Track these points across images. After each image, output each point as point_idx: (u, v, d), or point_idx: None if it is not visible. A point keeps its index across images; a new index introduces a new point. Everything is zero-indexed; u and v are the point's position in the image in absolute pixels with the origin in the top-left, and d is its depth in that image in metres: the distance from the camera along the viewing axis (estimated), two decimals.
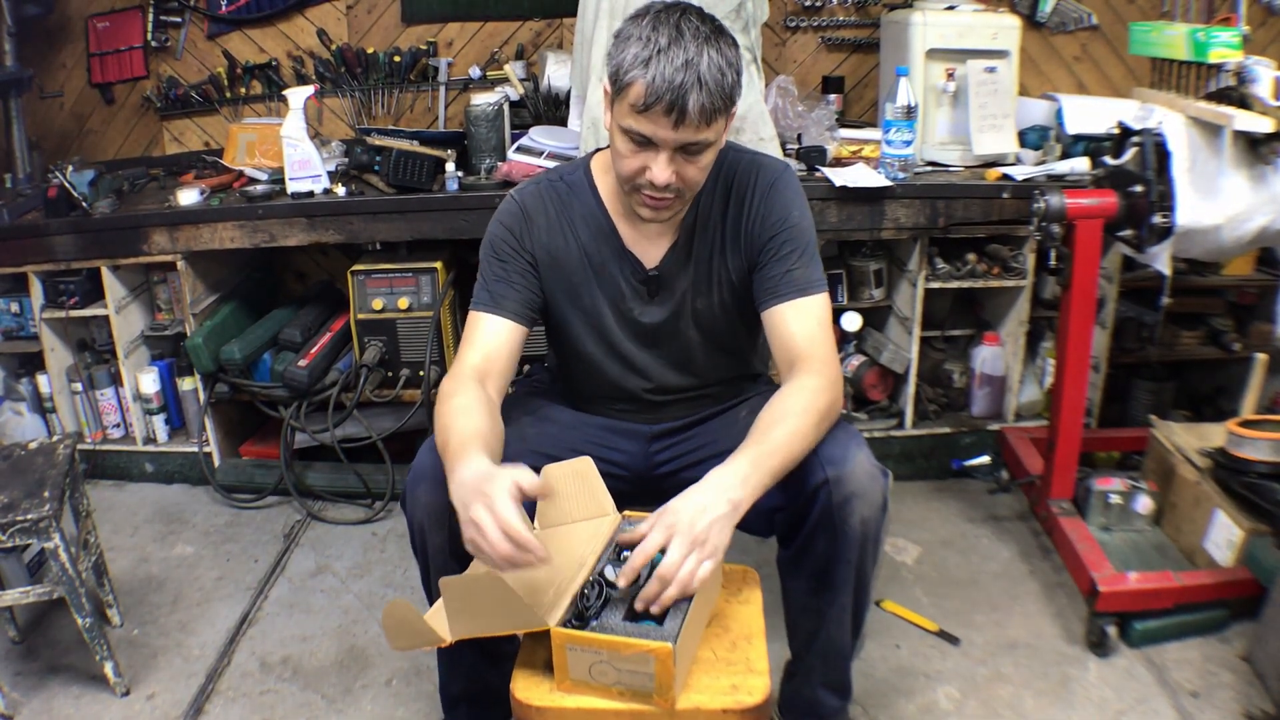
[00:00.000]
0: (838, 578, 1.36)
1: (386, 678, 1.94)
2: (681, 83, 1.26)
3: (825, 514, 1.31)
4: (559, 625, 1.17)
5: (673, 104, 1.27)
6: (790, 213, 1.48)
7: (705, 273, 1.53)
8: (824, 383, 1.37)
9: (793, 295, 1.45)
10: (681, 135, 1.30)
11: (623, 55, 1.31)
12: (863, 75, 2.93)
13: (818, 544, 1.35)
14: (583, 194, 1.53)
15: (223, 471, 2.69)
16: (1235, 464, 1.98)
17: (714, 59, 1.28)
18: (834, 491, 1.30)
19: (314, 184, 2.45)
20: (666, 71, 1.26)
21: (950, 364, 2.70)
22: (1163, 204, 1.88)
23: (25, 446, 1.96)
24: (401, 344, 2.54)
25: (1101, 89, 2.90)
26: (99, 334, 2.71)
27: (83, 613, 1.80)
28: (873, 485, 1.32)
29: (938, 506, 2.52)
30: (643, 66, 1.27)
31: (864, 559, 1.36)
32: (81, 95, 2.95)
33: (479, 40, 2.94)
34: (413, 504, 1.38)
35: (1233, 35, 1.90)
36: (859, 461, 1.32)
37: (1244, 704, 1.77)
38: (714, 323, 1.57)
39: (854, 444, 1.35)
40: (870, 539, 1.34)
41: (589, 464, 1.40)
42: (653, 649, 1.13)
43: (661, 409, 1.62)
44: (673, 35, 1.28)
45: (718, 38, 1.31)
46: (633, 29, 1.32)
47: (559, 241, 1.52)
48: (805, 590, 1.42)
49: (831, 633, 1.43)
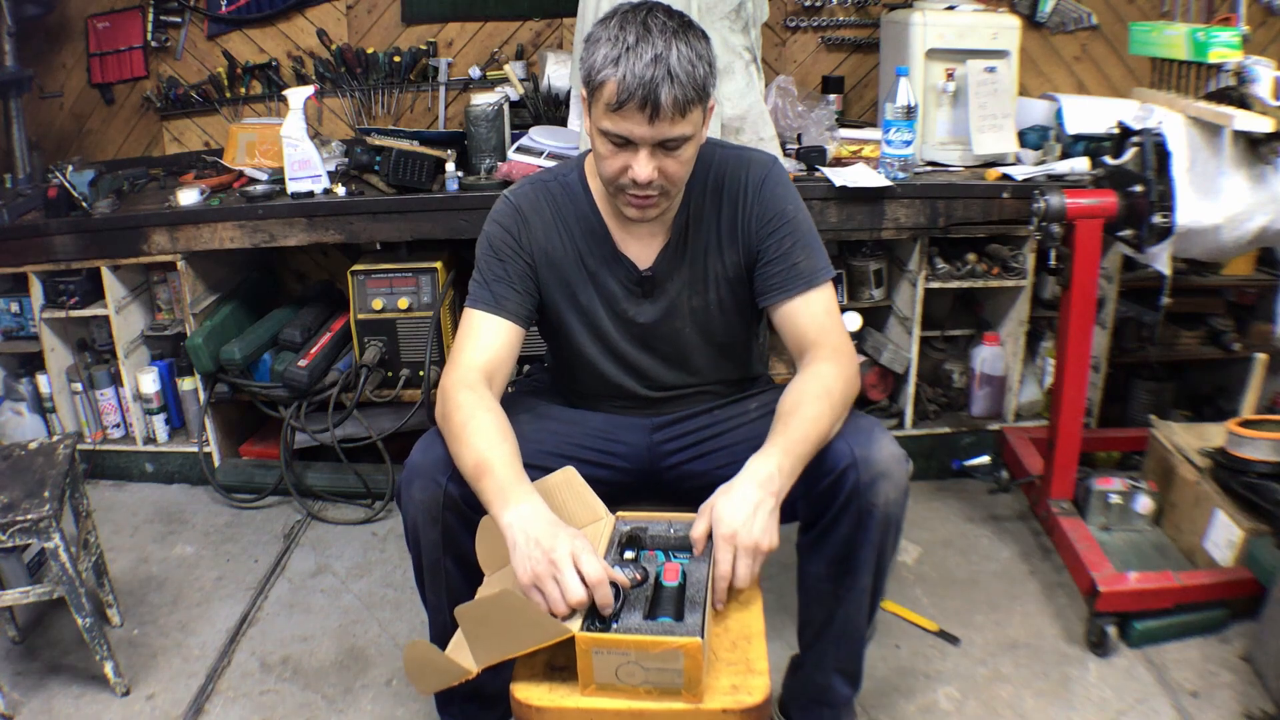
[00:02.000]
0: (860, 559, 1.38)
1: (386, 678, 1.94)
2: (652, 77, 1.26)
3: (853, 495, 1.33)
4: (581, 629, 1.16)
5: (645, 99, 1.27)
6: (786, 205, 1.49)
7: (701, 271, 1.54)
8: (839, 367, 1.40)
9: (800, 289, 1.47)
10: (658, 130, 1.31)
11: (593, 57, 1.31)
12: (863, 75, 2.93)
13: (842, 525, 1.37)
14: (576, 195, 1.53)
15: (223, 471, 2.69)
16: (1235, 464, 1.98)
17: (683, 51, 1.29)
18: (862, 472, 1.33)
19: (314, 184, 2.45)
20: (636, 68, 1.27)
21: (950, 364, 2.70)
22: (1163, 204, 1.88)
23: (25, 446, 1.96)
24: (401, 344, 2.54)
25: (1101, 89, 2.90)
26: (99, 334, 2.71)
27: (83, 613, 1.80)
28: (898, 467, 1.35)
29: (938, 506, 2.52)
30: (613, 65, 1.28)
31: (885, 541, 1.38)
32: (81, 95, 2.95)
33: (479, 40, 2.94)
34: (407, 500, 1.39)
35: (1233, 35, 1.91)
36: (884, 444, 1.35)
37: (1244, 704, 1.77)
38: (710, 321, 1.57)
39: (878, 429, 1.38)
40: (893, 522, 1.37)
41: (573, 473, 1.40)
42: (683, 645, 1.13)
43: (660, 404, 1.63)
44: (640, 32, 1.29)
45: (686, 31, 1.31)
46: (601, 31, 1.33)
47: (554, 243, 1.52)
48: (824, 574, 1.43)
49: (850, 614, 1.44)
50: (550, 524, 1.22)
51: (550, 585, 1.16)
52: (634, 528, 1.36)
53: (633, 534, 1.35)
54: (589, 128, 1.39)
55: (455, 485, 1.35)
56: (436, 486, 1.35)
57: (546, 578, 1.17)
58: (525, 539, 1.20)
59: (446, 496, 1.35)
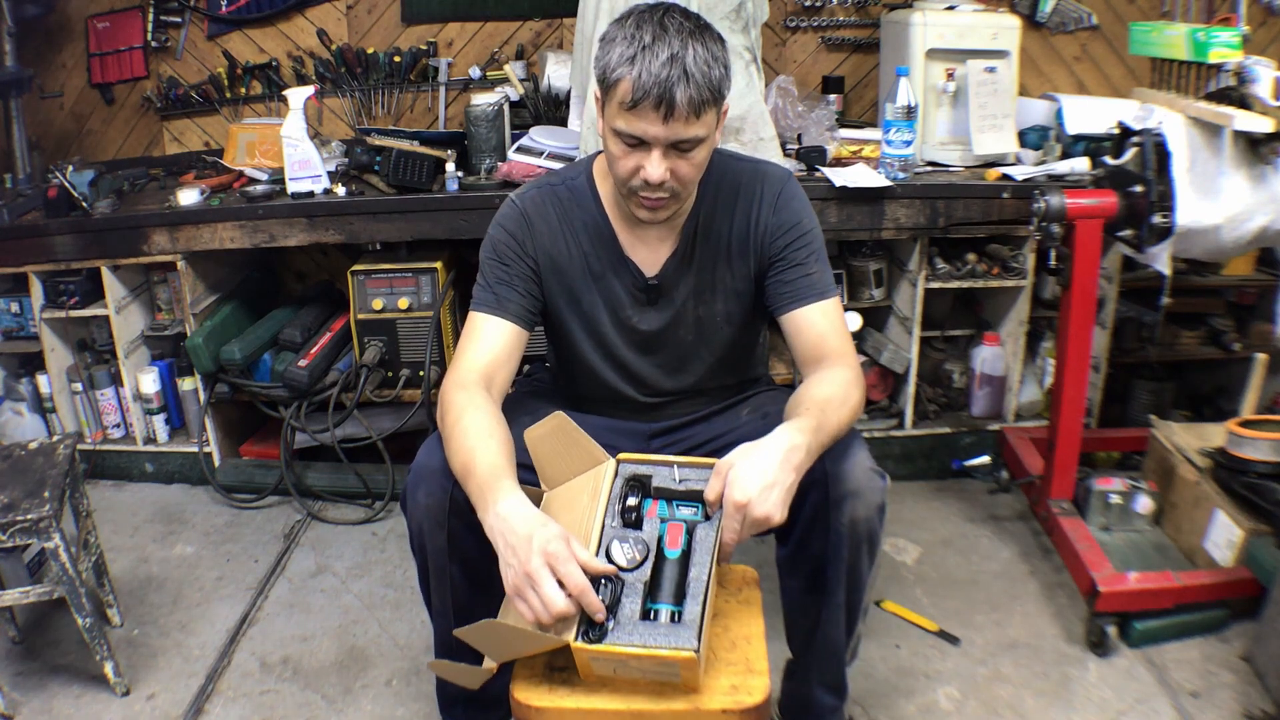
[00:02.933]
0: (831, 577, 1.36)
1: (386, 678, 1.94)
2: (668, 76, 1.26)
3: (820, 511, 1.31)
4: (577, 636, 1.14)
5: (660, 98, 1.27)
6: (802, 219, 1.50)
7: (709, 281, 1.53)
8: (855, 376, 1.41)
9: (813, 298, 1.47)
10: (672, 130, 1.31)
11: (609, 56, 1.32)
12: (863, 75, 2.93)
13: (813, 543, 1.34)
14: (584, 199, 1.53)
15: (223, 471, 2.69)
16: (1235, 464, 1.98)
17: (699, 52, 1.29)
18: (830, 489, 1.30)
19: (314, 184, 2.45)
20: (653, 67, 1.27)
21: (950, 364, 2.70)
22: (1163, 204, 1.88)
23: (25, 446, 1.96)
24: (401, 344, 2.54)
25: (1101, 89, 2.90)
26: (99, 334, 2.71)
27: (83, 613, 1.80)
28: (870, 486, 1.32)
29: (938, 506, 2.52)
30: (629, 64, 1.28)
31: (858, 559, 1.34)
32: (81, 95, 2.95)
33: (479, 40, 2.94)
34: (413, 505, 1.37)
35: (1233, 35, 1.91)
36: (858, 461, 1.32)
37: (1244, 704, 1.77)
38: (715, 330, 1.57)
39: (855, 444, 1.35)
40: (864, 539, 1.33)
41: (564, 418, 1.35)
42: (679, 658, 1.12)
43: (660, 410, 1.63)
44: (656, 31, 1.29)
45: (702, 32, 1.32)
46: (617, 30, 1.33)
47: (560, 247, 1.52)
48: (801, 589, 1.42)
49: (827, 632, 1.42)
50: (527, 526, 1.17)
51: (531, 597, 1.14)
52: (636, 474, 1.32)
53: (635, 480, 1.31)
54: (601, 128, 1.39)
55: (460, 490, 1.32)
56: (442, 491, 1.34)
57: (525, 589, 1.14)
58: (504, 546, 1.17)
59: (452, 501, 1.33)
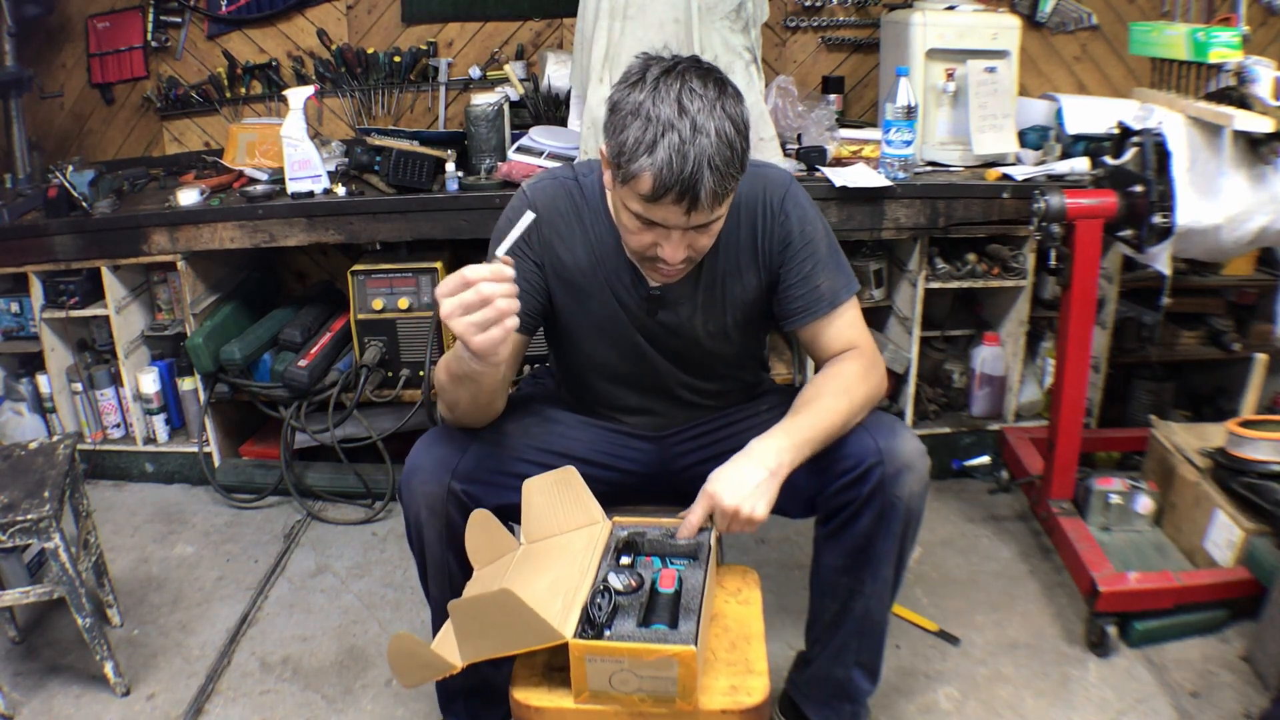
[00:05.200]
0: (882, 551, 1.40)
1: (386, 678, 1.94)
2: (692, 172, 1.19)
3: (878, 488, 1.35)
4: (574, 636, 1.15)
5: (683, 193, 1.21)
6: (805, 226, 1.48)
7: (717, 294, 1.50)
8: (862, 366, 1.43)
9: (823, 311, 1.47)
10: (693, 219, 1.26)
11: (623, 136, 1.23)
12: (863, 75, 2.93)
13: (864, 518, 1.38)
14: (594, 202, 1.49)
15: (223, 471, 2.69)
16: (1235, 464, 1.98)
17: (723, 130, 1.21)
18: (887, 466, 1.35)
19: (314, 184, 2.45)
20: (674, 161, 1.19)
21: (950, 364, 2.70)
22: (1163, 204, 1.88)
23: (25, 446, 1.96)
24: (401, 344, 2.54)
25: (1101, 89, 2.90)
26: (99, 334, 2.71)
27: (83, 613, 1.80)
28: (920, 461, 1.38)
29: (938, 506, 2.51)
30: (648, 154, 1.20)
31: (906, 534, 1.40)
32: (81, 95, 2.95)
33: (479, 40, 2.94)
34: (409, 496, 1.39)
35: (1233, 35, 1.91)
36: (908, 438, 1.39)
37: (1244, 704, 1.77)
38: (721, 342, 1.55)
39: (900, 424, 1.42)
40: (915, 515, 1.39)
41: (573, 473, 1.40)
42: (676, 653, 1.12)
43: (664, 417, 1.62)
44: (675, 111, 1.20)
45: (721, 97, 1.23)
46: (627, 99, 1.24)
47: (567, 247, 1.48)
48: (842, 567, 1.44)
49: (871, 607, 1.45)
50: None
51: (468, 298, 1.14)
52: (631, 533, 1.36)
53: (629, 539, 1.35)
54: (612, 199, 1.37)
55: (457, 481, 1.37)
56: (438, 483, 1.36)
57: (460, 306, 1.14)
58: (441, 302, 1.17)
59: (449, 492, 1.36)
